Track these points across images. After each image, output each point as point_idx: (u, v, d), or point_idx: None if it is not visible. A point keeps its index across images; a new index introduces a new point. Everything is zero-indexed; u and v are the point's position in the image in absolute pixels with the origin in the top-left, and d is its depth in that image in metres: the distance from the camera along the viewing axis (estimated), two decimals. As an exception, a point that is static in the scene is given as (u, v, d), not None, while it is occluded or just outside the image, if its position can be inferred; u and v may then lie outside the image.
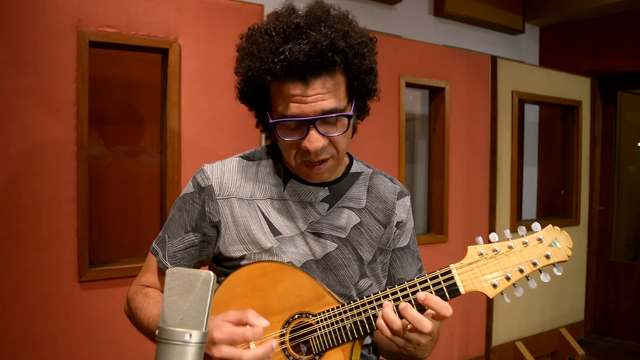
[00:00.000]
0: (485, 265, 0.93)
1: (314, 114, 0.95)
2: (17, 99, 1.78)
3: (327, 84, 0.95)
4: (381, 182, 1.19)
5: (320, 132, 0.96)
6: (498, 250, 0.93)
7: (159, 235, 1.14)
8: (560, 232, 0.94)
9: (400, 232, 1.18)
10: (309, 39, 0.92)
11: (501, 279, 0.92)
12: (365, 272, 1.11)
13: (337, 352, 0.98)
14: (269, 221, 1.08)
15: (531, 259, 0.92)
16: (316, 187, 1.11)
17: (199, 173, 1.11)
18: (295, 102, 0.95)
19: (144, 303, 1.07)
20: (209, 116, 2.15)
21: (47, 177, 1.83)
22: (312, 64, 0.92)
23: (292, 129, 0.98)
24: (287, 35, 0.94)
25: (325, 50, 0.92)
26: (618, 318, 4.05)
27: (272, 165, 1.13)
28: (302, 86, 0.94)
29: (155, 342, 0.68)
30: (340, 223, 1.10)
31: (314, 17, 0.96)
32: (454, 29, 3.68)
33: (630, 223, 4.31)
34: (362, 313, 0.96)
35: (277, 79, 0.95)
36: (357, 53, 0.98)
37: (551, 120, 4.20)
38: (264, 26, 0.99)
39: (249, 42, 1.00)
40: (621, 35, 3.90)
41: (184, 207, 1.10)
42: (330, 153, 1.01)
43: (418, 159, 3.34)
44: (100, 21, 1.92)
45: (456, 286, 0.92)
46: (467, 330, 3.20)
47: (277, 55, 0.93)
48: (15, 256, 1.78)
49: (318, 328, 0.98)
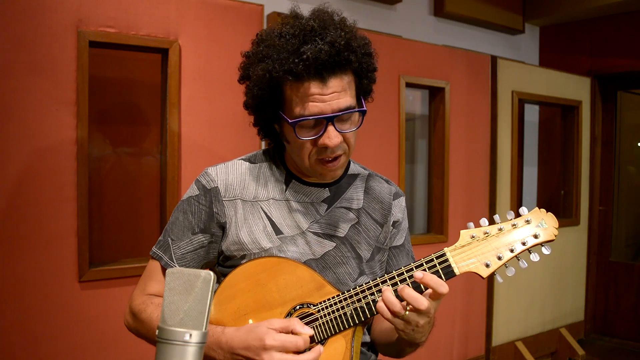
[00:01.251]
0: (477, 247, 0.97)
1: (332, 111, 1.00)
2: (17, 99, 1.78)
3: (342, 82, 1.00)
4: (377, 183, 1.23)
5: (336, 128, 1.01)
6: (489, 233, 0.98)
7: (160, 240, 1.13)
8: (546, 214, 1.00)
9: (396, 231, 1.22)
10: (325, 39, 0.98)
11: (493, 259, 0.96)
12: (363, 270, 1.14)
13: (338, 339, 1.00)
14: (271, 221, 1.11)
15: (520, 239, 0.97)
16: (317, 188, 1.15)
17: (202, 176, 1.13)
18: (314, 101, 0.99)
19: (159, 315, 1.04)
20: (209, 116, 2.15)
21: (47, 177, 1.84)
22: (330, 63, 0.97)
23: (309, 127, 1.02)
24: (304, 37, 0.99)
25: (342, 49, 0.98)
26: (618, 318, 4.05)
27: (273, 167, 1.16)
28: (321, 85, 0.98)
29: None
30: (339, 222, 1.14)
31: (324, 20, 1.02)
32: (454, 29, 3.68)
33: (630, 223, 4.31)
34: (362, 299, 0.99)
35: (297, 79, 0.98)
36: (366, 52, 1.04)
37: (551, 120, 4.20)
38: (275, 30, 1.04)
39: (264, 45, 1.03)
40: (621, 35, 3.90)
41: (190, 209, 1.11)
42: (343, 149, 1.06)
43: (418, 159, 3.34)
44: (100, 21, 1.92)
45: (451, 267, 0.96)
46: (467, 330, 3.20)
47: (298, 56, 0.96)
48: (16, 256, 1.78)
49: (319, 317, 1.01)
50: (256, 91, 1.04)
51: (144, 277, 1.15)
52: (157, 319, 1.05)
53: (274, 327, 0.93)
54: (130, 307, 1.13)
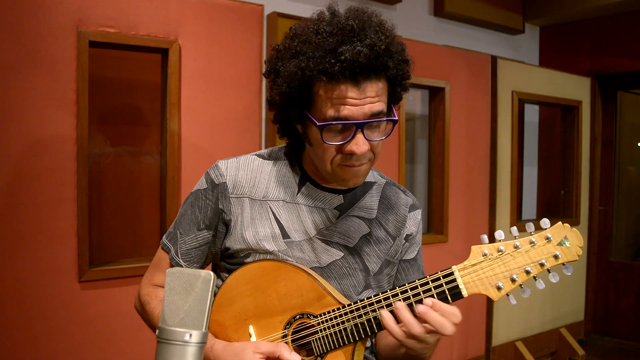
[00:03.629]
0: (489, 266, 0.89)
1: (364, 117, 0.94)
2: (17, 99, 1.78)
3: (376, 87, 0.95)
4: (394, 193, 1.17)
5: (365, 136, 0.96)
6: (503, 251, 0.89)
7: (170, 231, 1.13)
8: (570, 230, 0.88)
9: (408, 244, 1.17)
10: (364, 42, 0.92)
11: (506, 281, 0.88)
12: (369, 283, 1.11)
13: (338, 354, 0.97)
14: (279, 224, 1.07)
15: (538, 259, 0.87)
16: (331, 194, 1.09)
17: (212, 169, 1.10)
18: (347, 105, 0.93)
19: (159, 312, 1.05)
20: (209, 116, 2.15)
21: (47, 177, 1.83)
22: (368, 67, 0.92)
23: (337, 132, 0.96)
24: (343, 36, 0.93)
25: (382, 54, 0.92)
26: (618, 318, 4.05)
27: (288, 166, 1.11)
28: (355, 89, 0.93)
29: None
30: (350, 232, 1.09)
31: (364, 21, 0.95)
32: (454, 29, 3.68)
33: (630, 223, 4.31)
34: (362, 315, 0.95)
35: (331, 80, 0.92)
36: (403, 59, 0.99)
37: (551, 120, 4.20)
38: (312, 26, 0.97)
39: (298, 41, 0.96)
40: (621, 35, 3.90)
41: (196, 203, 1.09)
42: (369, 158, 1.00)
43: (418, 159, 3.34)
44: (100, 21, 1.92)
45: (458, 289, 0.90)
46: (467, 330, 3.20)
47: (336, 56, 0.91)
48: (15, 256, 1.78)
49: (319, 330, 0.98)
50: (285, 88, 0.97)
51: (153, 265, 1.15)
52: (157, 316, 1.05)
53: (261, 352, 0.91)
54: (139, 294, 1.14)
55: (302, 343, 1.00)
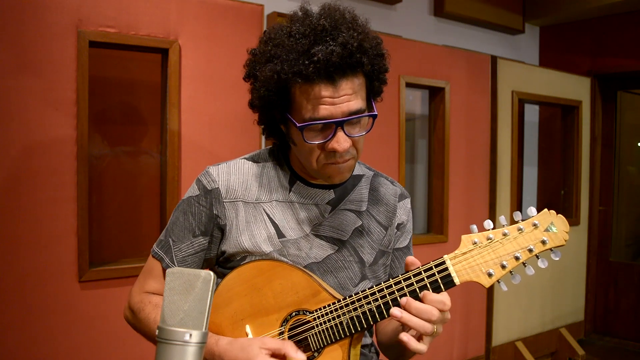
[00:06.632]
0: (479, 254, 0.91)
1: (342, 115, 0.95)
2: (17, 99, 1.78)
3: (353, 84, 0.96)
4: (382, 184, 1.19)
5: (346, 133, 0.97)
6: (492, 238, 0.91)
7: (161, 239, 1.12)
8: (556, 217, 0.92)
9: (400, 233, 1.19)
10: (337, 40, 0.93)
11: (496, 267, 0.90)
12: (366, 274, 1.12)
13: (335, 349, 0.98)
14: (274, 224, 1.08)
15: (527, 245, 0.90)
16: (322, 190, 1.11)
17: (203, 175, 1.10)
18: (324, 104, 0.95)
19: (156, 316, 1.05)
20: (209, 116, 2.15)
21: (47, 177, 1.83)
22: (342, 65, 0.93)
23: (318, 131, 0.98)
24: (315, 37, 0.94)
25: (355, 51, 0.93)
26: (618, 318, 4.05)
27: (277, 167, 1.13)
28: (331, 88, 0.94)
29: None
30: (342, 225, 1.11)
31: (336, 19, 0.96)
32: (454, 29, 3.68)
33: (630, 223, 4.31)
34: (358, 308, 0.96)
35: (307, 81, 0.94)
36: (378, 54, 1.00)
37: (551, 120, 4.20)
38: (284, 29, 0.98)
39: (272, 44, 0.98)
40: (621, 35, 3.90)
41: (190, 210, 1.09)
42: (352, 154, 1.02)
43: (418, 159, 3.34)
44: (100, 21, 1.92)
45: (450, 277, 0.92)
46: (467, 330, 3.20)
47: (309, 57, 0.92)
48: (15, 256, 1.78)
49: (315, 325, 0.99)
50: (263, 92, 0.99)
51: (143, 274, 1.14)
52: (153, 320, 1.05)
53: (267, 347, 0.91)
54: (130, 303, 1.13)
55: (299, 339, 1.01)
